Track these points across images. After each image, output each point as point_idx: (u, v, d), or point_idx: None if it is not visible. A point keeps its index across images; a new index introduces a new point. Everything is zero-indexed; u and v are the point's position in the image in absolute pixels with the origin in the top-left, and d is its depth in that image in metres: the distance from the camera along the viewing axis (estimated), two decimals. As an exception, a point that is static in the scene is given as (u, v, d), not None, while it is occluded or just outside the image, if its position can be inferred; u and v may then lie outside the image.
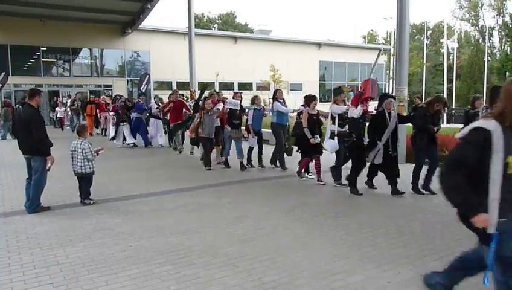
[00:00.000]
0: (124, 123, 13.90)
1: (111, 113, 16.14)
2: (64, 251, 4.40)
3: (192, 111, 11.35)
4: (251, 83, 32.43)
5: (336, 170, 7.56)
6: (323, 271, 3.84)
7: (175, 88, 26.11)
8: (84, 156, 6.21)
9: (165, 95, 21.24)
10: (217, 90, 13.17)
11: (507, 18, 48.31)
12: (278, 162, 9.21)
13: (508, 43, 47.74)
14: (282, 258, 4.14)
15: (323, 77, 37.84)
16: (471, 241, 4.62)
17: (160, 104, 13.93)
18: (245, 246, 4.50)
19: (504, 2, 48.77)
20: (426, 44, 50.52)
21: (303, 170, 8.05)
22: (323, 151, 7.78)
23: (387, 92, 36.73)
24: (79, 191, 6.39)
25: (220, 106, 10.16)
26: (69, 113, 20.21)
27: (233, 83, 30.82)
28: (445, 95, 38.53)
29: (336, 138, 7.33)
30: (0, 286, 3.64)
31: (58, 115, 21.34)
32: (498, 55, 49.73)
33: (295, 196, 6.76)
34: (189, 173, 9.07)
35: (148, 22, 26.11)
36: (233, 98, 9.64)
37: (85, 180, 6.36)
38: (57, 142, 6.93)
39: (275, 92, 9.32)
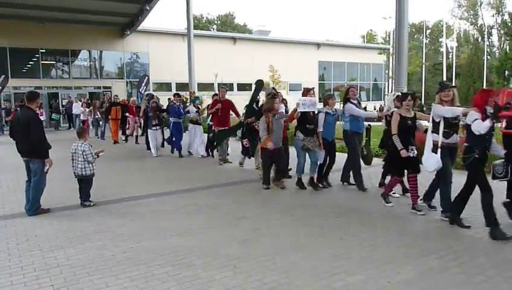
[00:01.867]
0: (157, 128, 11.81)
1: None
2: (64, 253, 4.40)
3: (242, 114, 9.67)
4: (250, 84, 32.39)
5: (438, 196, 5.65)
6: (323, 271, 3.85)
7: (175, 89, 26.19)
8: (85, 158, 6.21)
9: (163, 96, 21.31)
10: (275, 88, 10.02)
11: (506, 16, 48.28)
12: (351, 179, 7.47)
13: (507, 42, 47.72)
14: (282, 259, 4.15)
15: (323, 77, 37.85)
16: (471, 240, 4.65)
17: (200, 107, 12.01)
18: (245, 247, 4.50)
19: (503, 1, 48.79)
20: (425, 43, 50.48)
21: (389, 192, 6.26)
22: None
23: (386, 92, 36.85)
24: (79, 193, 6.39)
25: (282, 108, 8.35)
26: (97, 116, 17.91)
27: (232, 84, 30.81)
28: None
29: (439, 151, 5.28)
30: (1, 288, 3.64)
31: (81, 118, 19.03)
32: (497, 54, 49.74)
33: (295, 197, 6.77)
34: (189, 174, 9.06)
35: (146, 24, 26.13)
36: (304, 95, 7.18)
37: (85, 182, 6.36)
38: (57, 144, 6.94)
39: (347, 90, 7.38)
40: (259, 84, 9.09)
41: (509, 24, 41.39)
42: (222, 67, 28.15)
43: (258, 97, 8.97)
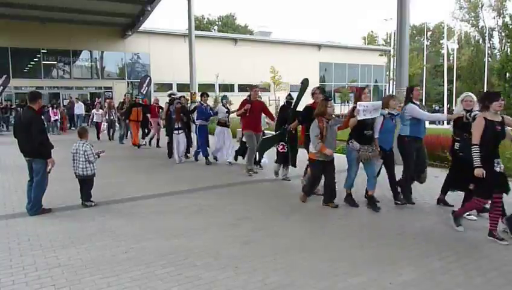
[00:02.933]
0: (180, 132, 10.52)
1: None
2: (66, 253, 4.40)
3: (276, 117, 8.65)
4: (251, 85, 32.46)
5: None
6: (325, 272, 3.85)
7: (175, 90, 26.09)
8: (86, 158, 6.22)
9: (163, 98, 21.27)
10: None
11: (507, 19, 48.16)
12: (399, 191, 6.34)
13: (508, 44, 47.64)
14: (283, 260, 4.15)
15: (324, 78, 37.88)
16: (472, 241, 4.65)
17: (229, 107, 10.56)
18: (246, 248, 4.50)
19: (504, 3, 48.80)
20: (426, 45, 50.54)
21: (463, 214, 5.23)
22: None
23: (387, 93, 36.84)
24: (80, 193, 6.39)
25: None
26: (112, 117, 16.64)
27: (233, 85, 30.86)
28: (445, 96, 38.64)
29: None
30: (2, 288, 3.64)
31: (94, 119, 17.25)
32: (498, 56, 49.65)
33: (296, 198, 6.75)
34: (191, 174, 9.07)
35: (148, 24, 26.17)
36: (358, 96, 6.18)
37: (86, 182, 6.36)
38: (58, 144, 6.94)
39: (410, 89, 6.34)
40: (306, 83, 7.85)
41: (511, 26, 41.33)
42: (223, 68, 28.21)
43: (292, 99, 7.97)
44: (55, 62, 26.84)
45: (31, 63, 26.15)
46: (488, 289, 3.54)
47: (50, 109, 19.88)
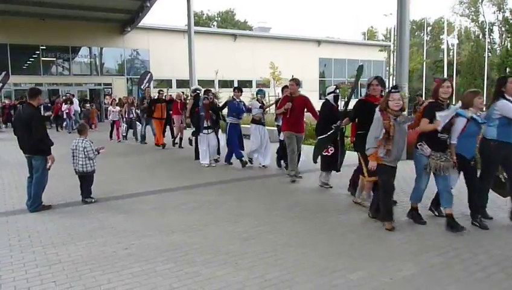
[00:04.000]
0: (210, 131, 9.22)
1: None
2: (66, 250, 4.41)
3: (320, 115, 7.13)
4: (251, 81, 32.41)
5: None
6: (324, 268, 3.85)
7: (175, 86, 26.04)
8: (86, 155, 6.22)
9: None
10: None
11: (507, 13, 48.14)
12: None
13: (509, 39, 47.54)
14: (283, 256, 4.15)
15: (323, 74, 37.83)
16: (473, 236, 4.66)
17: (264, 102, 9.45)
18: (246, 244, 4.51)
19: (504, -2, 48.70)
20: (426, 40, 50.43)
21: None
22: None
23: (387, 89, 36.76)
24: (80, 190, 6.39)
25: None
26: (131, 115, 14.80)
27: (233, 81, 30.79)
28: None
29: None
30: (3, 284, 3.65)
31: (110, 118, 15.63)
32: (498, 51, 49.59)
33: (296, 194, 6.77)
34: (190, 171, 9.06)
35: (147, 20, 26.11)
36: (437, 87, 4.92)
37: (86, 179, 6.37)
38: (57, 140, 6.94)
39: (503, 80, 5.08)
40: (361, 70, 6.72)
41: (511, 21, 41.24)
42: (223, 64, 28.13)
43: (336, 92, 6.93)
44: (55, 59, 26.79)
45: (30, 59, 26.11)
46: (488, 283, 3.55)
47: (63, 104, 19.30)
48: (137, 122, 14.82)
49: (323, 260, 4.03)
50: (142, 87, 22.64)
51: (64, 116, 19.35)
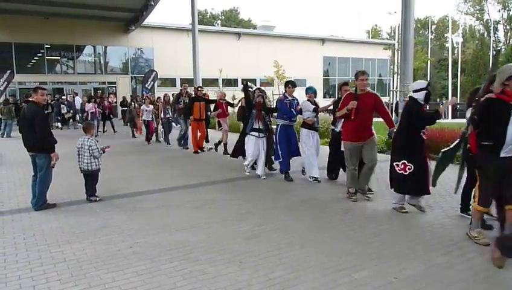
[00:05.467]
0: (261, 135, 7.89)
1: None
2: (71, 248, 4.42)
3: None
4: (255, 79, 32.37)
5: None
6: (329, 267, 3.84)
7: (179, 85, 25.97)
8: (91, 153, 6.23)
9: (162, 92, 21.04)
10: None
11: (512, 12, 47.97)
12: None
13: (514, 37, 47.42)
14: (288, 254, 4.15)
15: (327, 72, 37.75)
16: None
17: (317, 104, 7.72)
18: (251, 243, 4.50)
19: (509, -4, 48.42)
20: (430, 39, 50.22)
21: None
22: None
23: (391, 87, 36.71)
24: (85, 188, 6.41)
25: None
26: (168, 115, 13.20)
27: (236, 80, 30.79)
28: (449, 90, 38.42)
29: None
30: (8, 282, 3.66)
31: (143, 117, 14.00)
32: (503, 50, 49.35)
33: (300, 193, 6.75)
34: (195, 169, 9.07)
35: (151, 19, 26.13)
36: None
37: (91, 177, 6.38)
38: (63, 139, 6.96)
39: None
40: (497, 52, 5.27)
41: (516, 19, 41.08)
42: (226, 62, 28.12)
43: (428, 89, 5.43)
44: (59, 57, 26.88)
45: (35, 58, 26.20)
46: (493, 283, 3.53)
47: (87, 103, 17.79)
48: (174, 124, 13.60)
49: (328, 259, 4.02)
50: (146, 86, 22.72)
51: (89, 117, 17.07)
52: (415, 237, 4.63)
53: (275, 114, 8.18)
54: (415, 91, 5.40)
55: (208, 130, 12.15)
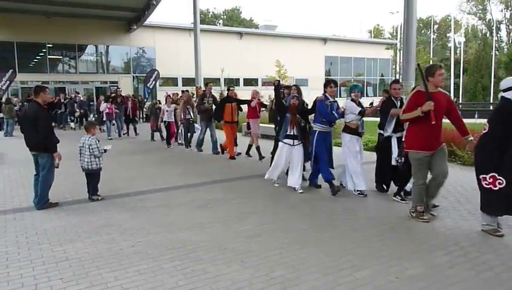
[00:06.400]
0: (296, 142, 6.81)
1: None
2: (73, 247, 4.43)
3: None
4: (256, 79, 32.41)
5: None
6: (331, 266, 3.85)
7: (181, 85, 26.00)
8: (91, 152, 6.24)
9: (165, 92, 20.93)
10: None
11: (515, 11, 47.85)
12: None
13: (516, 37, 47.30)
14: (289, 254, 4.15)
15: (329, 72, 37.73)
16: (479, 235, 4.62)
17: (362, 104, 6.61)
18: (252, 242, 4.51)
19: (512, -5, 48.31)
20: (433, 38, 50.15)
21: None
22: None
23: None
24: (87, 187, 6.42)
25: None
26: (188, 116, 11.85)
27: (238, 79, 30.80)
28: (452, 90, 38.37)
29: None
30: (10, 281, 3.67)
31: (165, 118, 12.74)
32: (506, 49, 49.26)
33: (301, 192, 6.75)
34: (197, 168, 9.08)
35: (153, 18, 26.15)
36: None
37: (93, 177, 6.39)
38: (66, 138, 6.98)
39: None
40: None
41: (518, 19, 40.97)
42: (228, 62, 28.14)
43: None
44: (61, 57, 26.96)
45: (37, 57, 26.27)
46: (495, 283, 3.52)
47: (103, 102, 16.05)
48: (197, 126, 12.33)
49: (329, 259, 4.02)
50: (148, 85, 22.73)
51: (104, 118, 15.58)
52: (417, 237, 4.63)
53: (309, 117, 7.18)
54: (505, 90, 4.53)
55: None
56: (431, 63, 39.61)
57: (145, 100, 23.94)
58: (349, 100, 6.61)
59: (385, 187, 6.58)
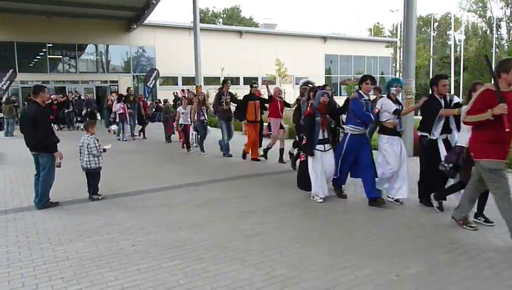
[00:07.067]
0: (327, 147, 6.08)
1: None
2: (73, 246, 4.43)
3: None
4: (257, 78, 32.36)
5: None
6: (331, 265, 3.84)
7: (181, 84, 25.99)
8: (89, 152, 6.24)
9: (169, 91, 20.99)
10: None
11: (515, 9, 47.77)
12: None
13: (516, 34, 47.23)
14: (290, 252, 4.15)
15: (329, 70, 37.69)
16: (480, 234, 4.62)
17: (400, 102, 6.05)
18: (253, 241, 4.51)
19: (512, -7, 48.23)
20: (433, 36, 50.07)
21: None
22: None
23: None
24: (87, 187, 6.42)
25: None
26: (203, 117, 10.78)
27: (238, 78, 30.76)
28: (452, 88, 38.31)
29: None
30: (11, 280, 3.67)
31: (181, 121, 11.47)
32: (506, 47, 49.16)
33: (302, 191, 6.74)
34: (197, 168, 9.08)
35: (153, 17, 26.13)
36: None
37: (93, 176, 6.39)
38: (70, 137, 6.97)
39: None
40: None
41: (519, 16, 40.92)
42: (228, 61, 28.11)
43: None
44: (61, 56, 26.93)
45: (37, 57, 26.25)
46: (496, 281, 3.52)
47: (115, 102, 14.74)
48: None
49: (330, 257, 4.02)
50: (148, 84, 22.69)
51: (117, 119, 14.36)
52: (417, 235, 4.63)
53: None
54: None
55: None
56: (431, 60, 39.67)
57: (145, 99, 23.94)
58: (385, 98, 6.01)
59: (435, 203, 5.47)
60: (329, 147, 6.08)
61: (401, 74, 11.82)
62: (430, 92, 5.71)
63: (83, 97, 20.77)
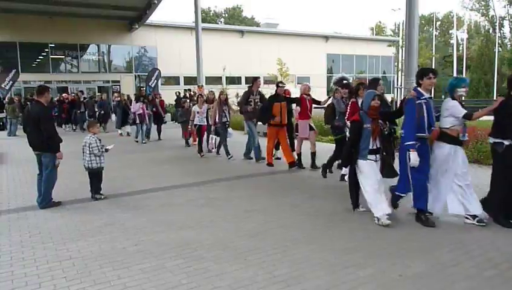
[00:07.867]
0: (376, 157, 5.15)
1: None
2: (76, 246, 4.44)
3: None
4: (258, 77, 32.32)
5: None
6: (334, 264, 3.84)
7: (183, 83, 25.97)
8: (91, 151, 6.25)
9: (171, 91, 20.99)
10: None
11: (518, 7, 47.64)
12: None
13: (519, 33, 47.09)
14: (292, 252, 4.14)
15: (331, 69, 37.67)
16: (483, 233, 4.61)
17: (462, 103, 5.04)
18: (255, 240, 4.50)
19: (515, -8, 48.09)
20: (435, 35, 49.94)
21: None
22: None
23: (396, 84, 36.54)
24: (90, 187, 6.43)
25: None
26: (225, 119, 9.88)
27: (240, 77, 30.77)
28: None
29: None
30: (15, 280, 3.68)
31: (196, 122, 10.65)
32: (509, 46, 49.08)
33: (304, 190, 6.74)
34: (199, 167, 9.08)
35: (154, 17, 26.18)
36: None
37: (95, 176, 6.40)
38: (72, 138, 6.98)
39: None
40: None
41: (521, 15, 40.81)
42: (230, 60, 28.12)
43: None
44: (63, 56, 27.04)
45: (39, 57, 26.34)
46: (499, 281, 3.51)
47: (133, 102, 14.11)
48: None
49: (332, 257, 4.01)
50: (150, 84, 22.71)
51: (137, 121, 13.45)
52: (420, 235, 4.61)
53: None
54: None
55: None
56: (433, 59, 39.59)
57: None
58: (449, 99, 4.96)
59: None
60: (378, 158, 5.13)
61: (403, 73, 11.80)
62: (508, 92, 4.81)
63: (103, 98, 19.04)
